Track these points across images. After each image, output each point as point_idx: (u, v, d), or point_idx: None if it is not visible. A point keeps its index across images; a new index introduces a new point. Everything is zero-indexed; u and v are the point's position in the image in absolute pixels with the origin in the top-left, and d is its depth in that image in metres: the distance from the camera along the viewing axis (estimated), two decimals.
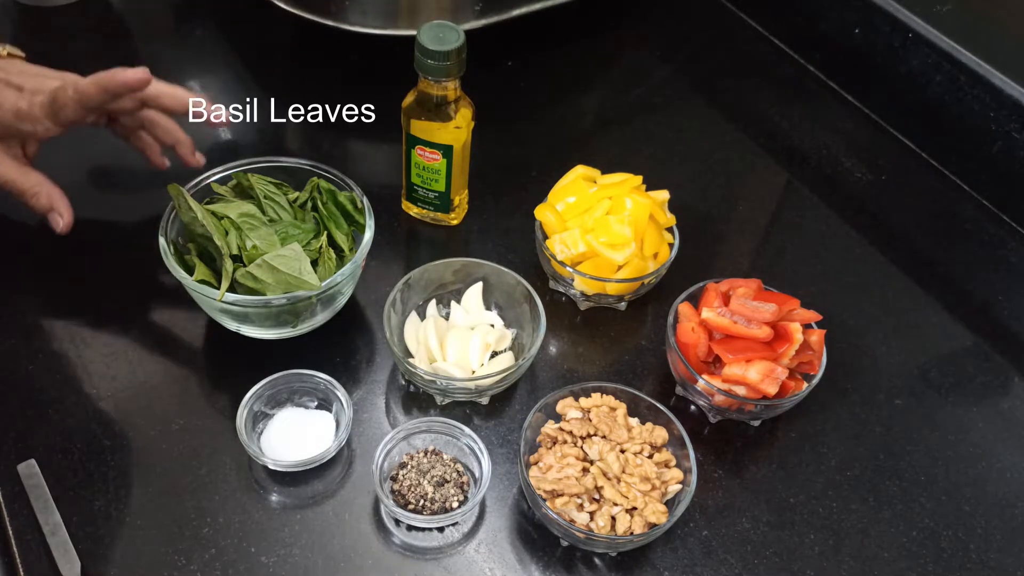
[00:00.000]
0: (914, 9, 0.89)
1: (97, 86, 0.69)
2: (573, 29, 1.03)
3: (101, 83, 0.68)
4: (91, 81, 0.69)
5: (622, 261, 0.71)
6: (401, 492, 0.61)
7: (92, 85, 0.69)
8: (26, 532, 0.58)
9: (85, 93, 0.69)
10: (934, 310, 0.79)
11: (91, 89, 0.69)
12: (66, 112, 0.69)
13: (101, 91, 0.68)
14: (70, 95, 0.69)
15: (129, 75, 0.68)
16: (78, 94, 0.69)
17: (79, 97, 0.69)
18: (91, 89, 0.69)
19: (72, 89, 0.69)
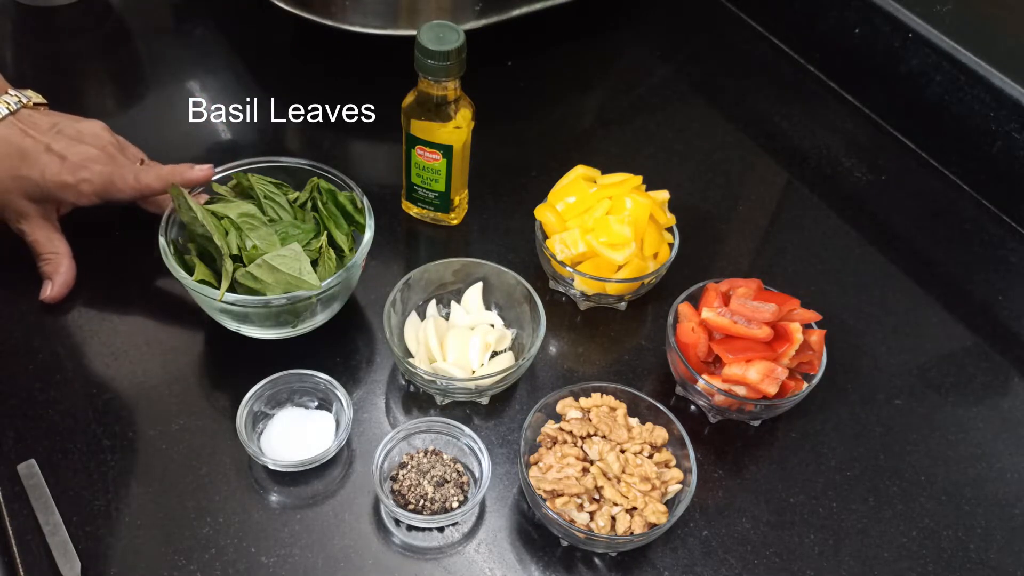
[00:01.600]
0: (914, 9, 0.89)
1: (163, 182, 0.69)
2: (573, 29, 1.03)
3: (167, 179, 0.69)
4: (156, 176, 0.69)
5: (622, 261, 0.71)
6: (401, 492, 0.61)
7: (158, 180, 0.69)
8: (26, 532, 0.58)
9: (149, 187, 0.69)
10: (934, 310, 0.79)
11: (157, 184, 0.69)
12: (120, 197, 0.70)
13: (165, 186, 0.68)
14: (130, 184, 0.69)
15: (197, 174, 0.69)
16: (140, 187, 0.69)
17: (140, 189, 0.70)
18: (157, 184, 0.69)
19: (134, 179, 0.69)
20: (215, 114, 0.88)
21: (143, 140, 0.86)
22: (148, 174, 0.70)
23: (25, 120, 0.70)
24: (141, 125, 0.88)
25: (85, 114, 0.75)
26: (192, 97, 0.90)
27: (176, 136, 0.87)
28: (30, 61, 0.95)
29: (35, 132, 0.69)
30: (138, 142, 0.86)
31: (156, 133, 0.87)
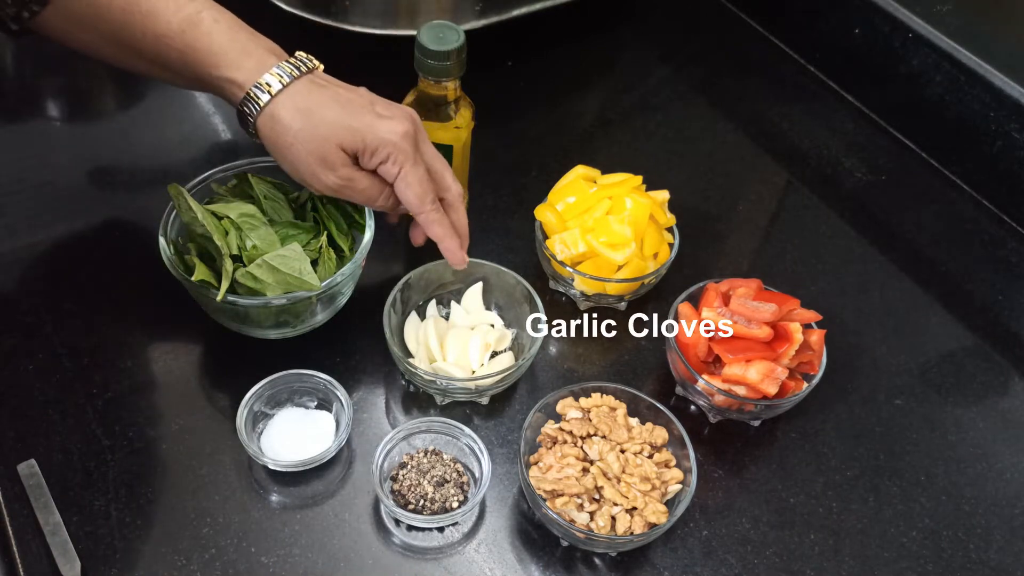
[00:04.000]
0: (914, 9, 0.89)
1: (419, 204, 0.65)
2: (573, 29, 1.03)
3: (444, 242, 0.66)
4: (419, 197, 0.64)
5: (622, 261, 0.71)
6: (401, 492, 0.61)
7: (417, 201, 0.64)
8: (26, 532, 0.58)
9: (410, 200, 0.65)
10: (934, 310, 0.79)
11: (415, 202, 0.65)
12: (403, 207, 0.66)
13: (418, 209, 0.65)
14: (410, 187, 0.64)
15: (459, 259, 0.68)
16: (409, 196, 0.64)
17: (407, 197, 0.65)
18: (415, 202, 0.65)
19: (418, 183, 0.64)
20: (216, 114, 0.88)
21: (143, 140, 0.86)
22: (419, 191, 0.64)
23: (325, 78, 0.65)
24: (141, 125, 0.88)
25: (85, 113, 0.75)
26: (192, 97, 0.90)
27: (176, 136, 0.87)
28: (30, 61, 0.95)
29: (353, 92, 0.65)
30: (138, 142, 0.86)
31: (156, 133, 0.87)
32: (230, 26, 0.63)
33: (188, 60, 0.62)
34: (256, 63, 0.62)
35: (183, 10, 0.61)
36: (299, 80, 0.62)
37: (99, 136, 0.88)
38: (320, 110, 0.62)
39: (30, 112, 0.89)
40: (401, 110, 0.65)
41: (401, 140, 0.62)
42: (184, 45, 0.62)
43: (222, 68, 0.62)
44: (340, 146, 0.62)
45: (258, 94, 0.61)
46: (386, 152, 0.62)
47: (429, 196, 0.64)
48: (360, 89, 0.65)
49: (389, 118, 0.62)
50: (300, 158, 0.63)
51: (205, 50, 0.62)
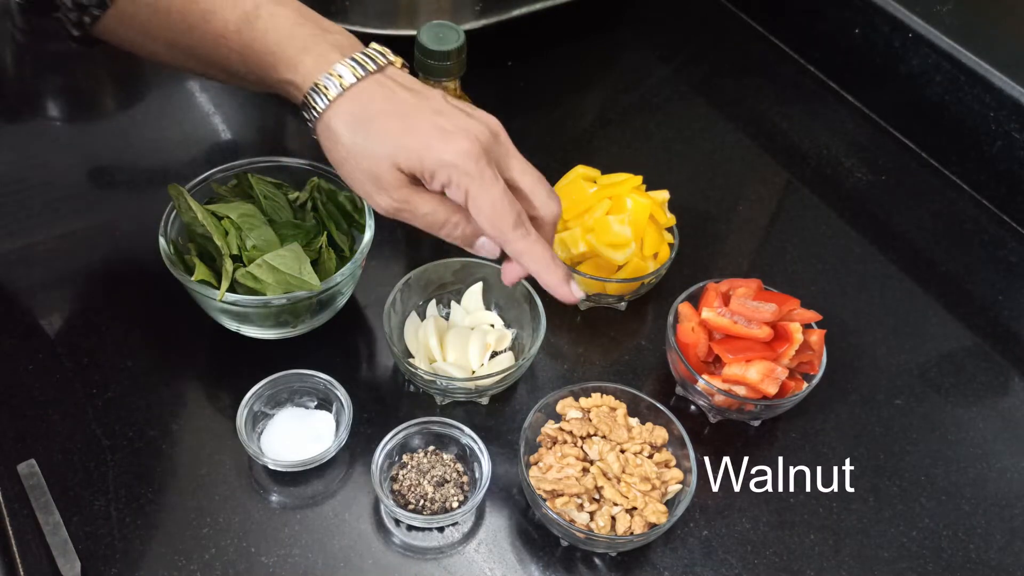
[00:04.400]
0: (914, 9, 0.89)
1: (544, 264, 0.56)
2: (573, 29, 1.03)
3: (544, 276, 0.56)
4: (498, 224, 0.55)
5: (622, 261, 0.71)
6: (401, 492, 0.61)
7: (492, 228, 0.55)
8: (26, 532, 0.58)
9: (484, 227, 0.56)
10: (934, 310, 0.79)
11: (491, 233, 0.56)
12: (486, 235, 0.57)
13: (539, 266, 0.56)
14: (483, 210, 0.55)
15: (564, 293, 0.56)
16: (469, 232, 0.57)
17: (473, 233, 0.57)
18: (491, 233, 0.56)
19: (490, 208, 0.54)
20: (215, 114, 0.88)
21: (143, 140, 0.86)
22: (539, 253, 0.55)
23: (398, 78, 0.57)
24: (141, 125, 0.88)
25: (85, 113, 0.75)
26: (192, 97, 0.90)
27: (176, 136, 0.87)
28: (30, 61, 0.95)
29: (423, 98, 0.56)
30: (138, 142, 0.86)
31: (156, 133, 0.87)
32: (290, 19, 0.56)
33: (247, 61, 0.57)
34: (315, 61, 0.55)
35: (240, 6, 0.56)
36: (363, 81, 0.55)
37: (99, 136, 0.88)
38: (377, 122, 0.55)
39: (30, 112, 0.89)
40: (470, 122, 0.55)
41: (462, 160, 0.53)
42: (241, 45, 0.56)
43: (280, 69, 0.56)
44: (396, 166, 0.54)
45: (315, 98, 0.55)
46: (446, 175, 0.54)
47: (508, 220, 0.54)
48: (434, 93, 0.57)
49: (452, 133, 0.54)
50: (354, 176, 0.57)
51: (262, 49, 0.56)
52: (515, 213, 0.54)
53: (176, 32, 0.58)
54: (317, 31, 0.56)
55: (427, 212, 0.56)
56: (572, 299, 0.56)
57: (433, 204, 0.56)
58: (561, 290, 0.56)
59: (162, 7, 0.57)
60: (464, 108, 0.57)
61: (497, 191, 0.54)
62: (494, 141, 0.56)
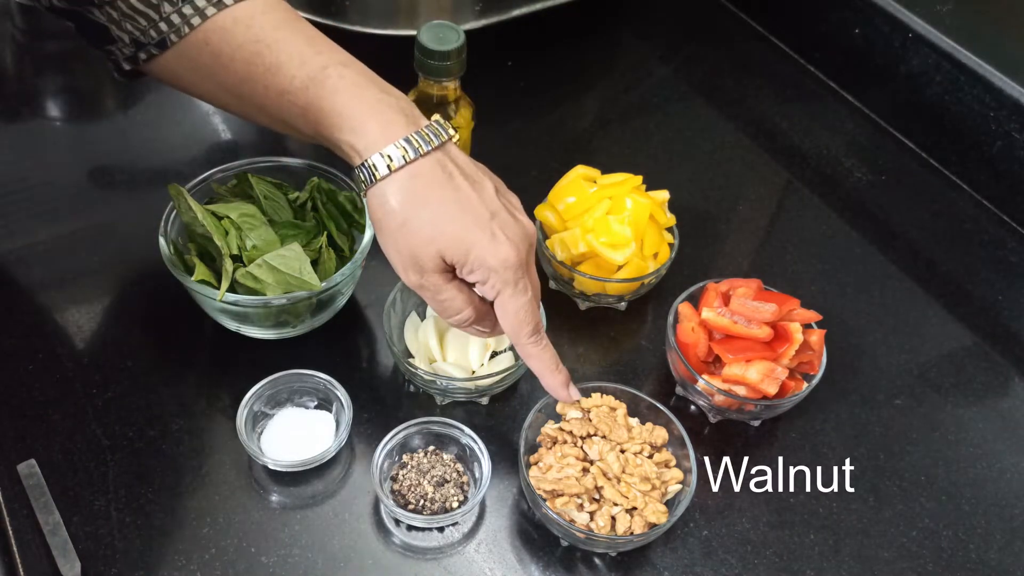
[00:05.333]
0: (914, 9, 0.89)
1: (553, 379, 0.60)
2: (573, 29, 1.03)
3: (551, 384, 0.61)
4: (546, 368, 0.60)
5: (622, 261, 0.71)
6: (401, 492, 0.61)
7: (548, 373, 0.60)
8: (26, 532, 0.58)
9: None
10: (934, 310, 0.79)
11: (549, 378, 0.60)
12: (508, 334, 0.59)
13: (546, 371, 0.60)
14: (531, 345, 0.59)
15: (563, 394, 0.61)
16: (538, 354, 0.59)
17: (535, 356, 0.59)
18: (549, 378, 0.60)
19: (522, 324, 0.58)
20: (216, 114, 0.88)
21: (143, 140, 0.86)
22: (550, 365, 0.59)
23: (457, 160, 0.57)
24: (141, 125, 0.88)
25: (85, 113, 0.74)
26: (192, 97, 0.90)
27: (176, 136, 0.87)
28: (30, 61, 0.95)
29: (479, 190, 0.56)
30: (138, 142, 0.86)
31: (156, 133, 0.87)
32: (356, 83, 0.56)
33: (310, 119, 0.57)
34: (382, 129, 0.55)
35: (308, 65, 0.56)
36: (425, 158, 0.55)
37: (99, 136, 0.88)
38: (434, 207, 0.55)
39: (30, 112, 0.89)
40: (516, 228, 0.57)
41: (503, 269, 0.55)
42: (307, 103, 0.56)
43: (344, 131, 0.56)
44: (440, 254, 0.55)
45: (376, 165, 0.55)
46: (485, 275, 0.56)
47: (528, 328, 0.58)
48: (488, 183, 0.57)
49: (504, 241, 0.55)
50: (393, 247, 0.57)
51: (328, 110, 0.56)
52: (535, 322, 0.58)
53: (236, 81, 0.58)
54: (382, 95, 0.56)
55: (446, 299, 0.58)
56: (569, 400, 0.61)
57: (455, 293, 0.58)
58: (561, 393, 0.61)
59: (226, 56, 0.57)
60: (512, 208, 0.58)
61: (525, 300, 0.57)
62: (530, 251, 0.58)
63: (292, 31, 0.58)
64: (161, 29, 0.57)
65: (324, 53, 0.57)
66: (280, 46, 0.56)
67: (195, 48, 0.58)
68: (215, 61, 0.58)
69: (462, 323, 0.59)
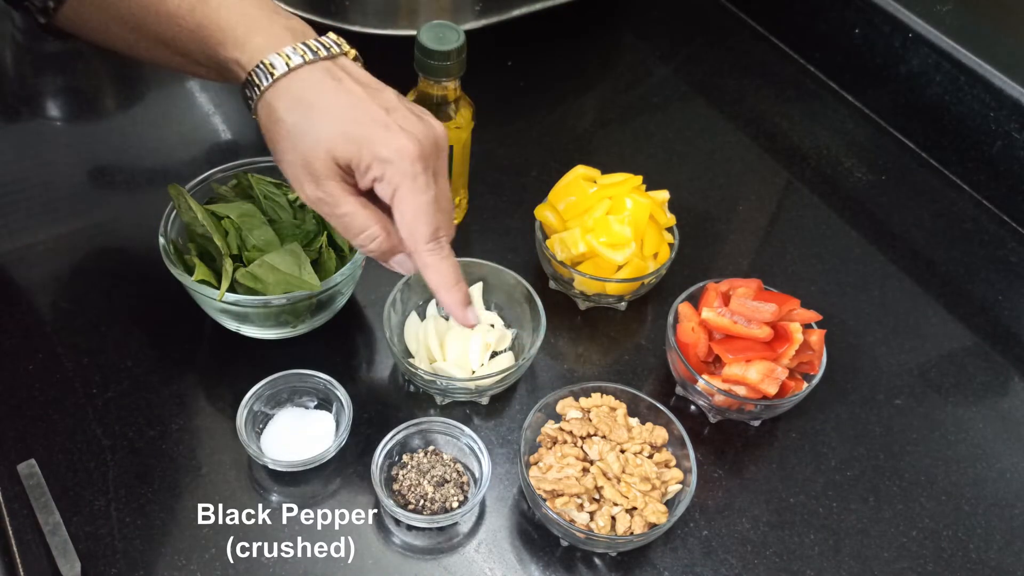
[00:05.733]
0: (914, 9, 0.89)
1: (447, 291, 0.55)
2: (573, 29, 1.03)
3: (448, 300, 0.56)
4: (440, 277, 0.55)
5: (622, 261, 0.71)
6: (401, 492, 0.61)
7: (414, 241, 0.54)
8: (26, 532, 0.58)
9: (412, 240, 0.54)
10: (934, 310, 0.79)
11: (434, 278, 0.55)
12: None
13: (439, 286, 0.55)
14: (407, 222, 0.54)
15: (460, 314, 0.56)
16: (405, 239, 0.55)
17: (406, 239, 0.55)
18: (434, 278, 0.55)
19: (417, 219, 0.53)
20: (216, 114, 0.88)
21: (143, 140, 0.86)
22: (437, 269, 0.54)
23: (350, 69, 0.55)
24: (141, 125, 0.88)
25: (85, 113, 0.74)
26: (192, 97, 0.90)
27: (176, 136, 0.87)
28: (30, 61, 0.95)
29: (374, 93, 0.54)
30: (138, 142, 0.86)
31: (156, 133, 0.87)
32: (244, 1, 0.55)
33: (199, 40, 0.55)
34: (265, 41, 0.53)
35: None
36: (312, 65, 0.53)
37: (99, 136, 0.88)
38: (322, 107, 0.53)
39: (30, 112, 0.89)
40: (417, 124, 0.54)
41: (399, 158, 0.52)
42: (195, 24, 0.55)
43: (228, 46, 0.54)
44: (332, 155, 0.52)
45: (259, 76, 0.53)
46: (381, 170, 0.52)
47: (427, 230, 0.53)
48: (387, 90, 0.56)
49: (399, 132, 0.52)
50: (286, 158, 0.54)
51: (213, 27, 0.54)
52: (435, 225, 0.54)
53: (132, 12, 0.57)
54: (271, 14, 0.55)
55: (346, 212, 0.54)
56: (467, 324, 0.57)
57: (356, 207, 0.54)
58: (457, 312, 0.56)
59: None
60: (415, 110, 0.55)
61: (425, 198, 0.53)
62: (436, 149, 0.54)
63: None
64: None
65: None
66: None
67: None
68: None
69: (369, 244, 0.55)
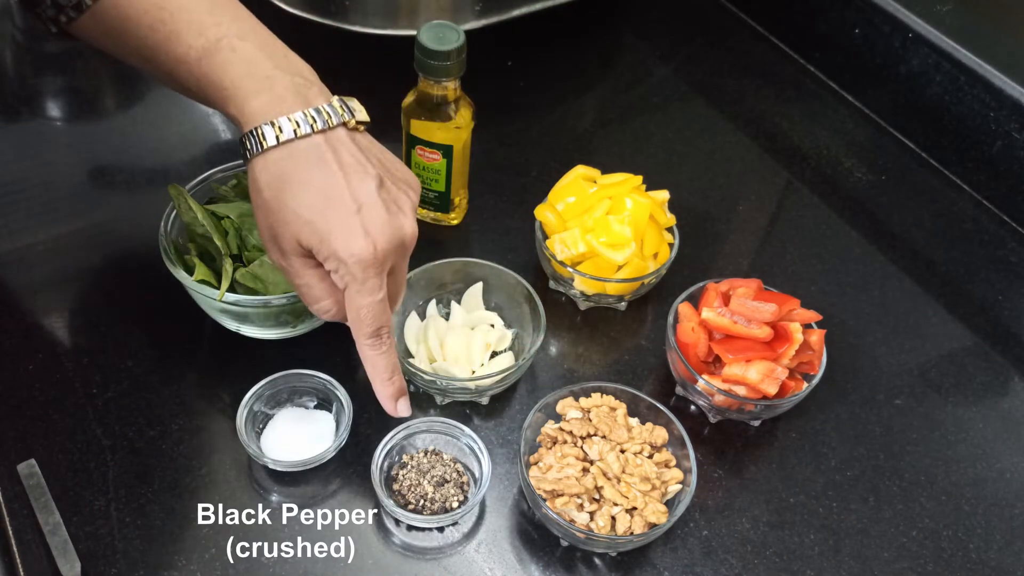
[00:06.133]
0: (914, 9, 0.89)
1: (380, 372, 0.58)
2: (573, 29, 1.03)
3: (380, 386, 0.59)
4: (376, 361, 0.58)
5: (622, 261, 0.71)
6: (401, 492, 0.61)
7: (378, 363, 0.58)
8: (26, 532, 0.58)
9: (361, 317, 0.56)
10: (934, 310, 0.79)
11: (377, 369, 0.58)
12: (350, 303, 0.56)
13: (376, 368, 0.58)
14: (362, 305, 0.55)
15: (390, 407, 0.60)
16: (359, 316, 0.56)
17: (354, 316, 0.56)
18: (377, 369, 0.58)
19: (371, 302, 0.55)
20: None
21: (143, 140, 0.86)
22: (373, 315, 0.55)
23: (340, 147, 0.55)
24: (141, 125, 0.88)
25: (85, 113, 0.74)
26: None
27: (176, 136, 0.87)
28: (30, 61, 0.95)
29: (354, 181, 0.54)
30: (138, 142, 0.86)
31: (156, 133, 0.87)
32: (248, 58, 0.55)
33: (203, 90, 0.56)
34: (264, 104, 0.54)
35: (204, 36, 0.55)
36: (302, 140, 0.54)
37: (99, 136, 0.88)
38: (295, 191, 0.53)
39: (30, 112, 0.89)
40: (384, 227, 0.54)
41: (353, 264, 0.53)
42: (200, 75, 0.55)
43: (229, 104, 0.55)
44: (296, 238, 0.54)
45: (251, 142, 0.54)
46: (335, 266, 0.54)
47: (367, 329, 0.56)
48: (370, 174, 0.55)
49: (361, 236, 0.53)
50: (260, 223, 0.56)
51: (217, 83, 0.55)
52: (376, 325, 0.56)
53: (142, 46, 0.57)
54: (275, 72, 0.55)
55: (304, 283, 0.57)
56: (395, 415, 0.60)
57: (314, 280, 0.56)
58: (387, 404, 0.60)
59: (132, 20, 0.57)
60: (392, 203, 0.55)
61: (370, 300, 0.55)
62: (400, 250, 0.56)
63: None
64: None
65: (223, 24, 0.55)
66: (180, 14, 0.55)
67: (105, 11, 0.57)
68: (123, 26, 0.57)
69: (322, 314, 0.58)
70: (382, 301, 0.55)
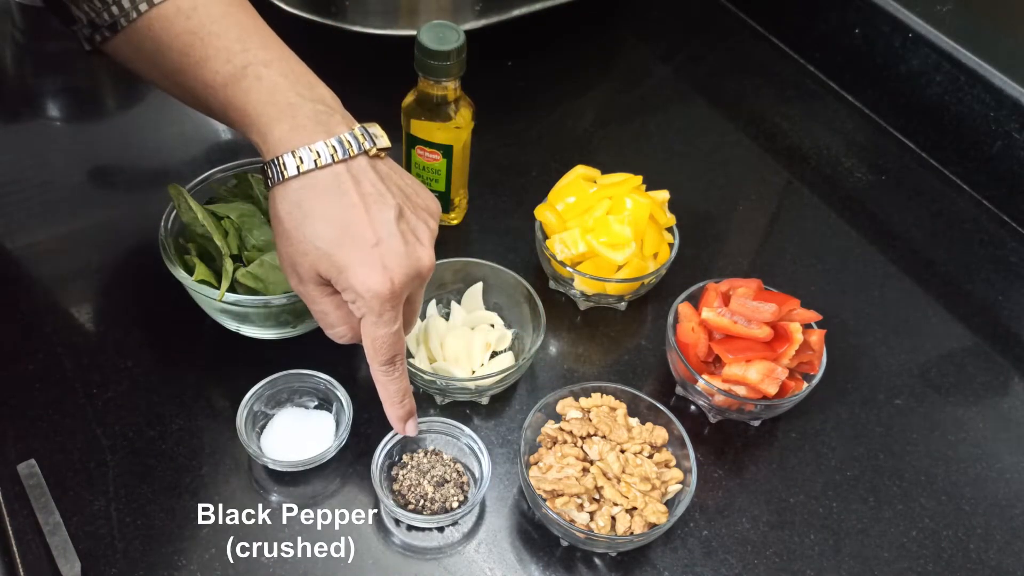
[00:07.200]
0: (914, 9, 0.89)
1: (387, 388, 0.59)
2: (573, 29, 1.03)
3: (392, 406, 0.60)
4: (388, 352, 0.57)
5: (622, 261, 0.71)
6: (401, 492, 0.61)
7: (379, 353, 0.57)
8: (26, 532, 0.58)
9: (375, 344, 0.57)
10: (934, 310, 0.79)
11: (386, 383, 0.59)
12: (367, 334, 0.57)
13: (384, 385, 0.59)
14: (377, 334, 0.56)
15: (399, 427, 0.62)
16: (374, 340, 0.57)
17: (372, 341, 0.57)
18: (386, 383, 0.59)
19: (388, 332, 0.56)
20: None
21: (143, 140, 0.86)
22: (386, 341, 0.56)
23: (360, 176, 0.54)
24: (141, 125, 0.88)
25: (85, 113, 0.74)
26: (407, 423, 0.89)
27: (176, 136, 0.87)
28: (30, 61, 0.95)
29: (374, 211, 0.54)
30: (138, 142, 0.86)
31: (156, 133, 0.87)
32: (272, 86, 0.55)
33: (228, 115, 0.57)
34: (286, 133, 0.54)
35: (232, 62, 0.55)
36: (322, 170, 0.53)
37: (99, 136, 0.88)
38: (315, 222, 0.53)
39: (30, 112, 0.89)
40: (407, 260, 0.54)
41: (369, 297, 0.53)
42: (225, 100, 0.56)
43: (251, 131, 0.55)
44: (315, 268, 0.54)
45: (273, 170, 0.54)
46: (352, 297, 0.55)
47: (382, 357, 0.57)
48: (389, 205, 0.54)
49: (379, 270, 0.53)
50: (279, 251, 0.57)
51: (241, 109, 0.55)
52: (391, 354, 0.57)
53: (173, 70, 0.58)
54: (297, 100, 0.55)
55: (320, 310, 0.58)
56: (403, 434, 0.62)
57: (330, 307, 0.57)
58: (397, 425, 0.62)
59: (165, 43, 0.57)
60: (410, 233, 0.55)
61: (386, 332, 0.56)
62: (417, 282, 0.56)
63: (229, 24, 0.57)
64: (113, 12, 0.58)
65: (251, 50, 0.56)
66: (211, 40, 0.56)
67: (140, 34, 0.58)
68: (156, 49, 0.58)
69: (337, 339, 0.59)
70: (397, 331, 0.56)
